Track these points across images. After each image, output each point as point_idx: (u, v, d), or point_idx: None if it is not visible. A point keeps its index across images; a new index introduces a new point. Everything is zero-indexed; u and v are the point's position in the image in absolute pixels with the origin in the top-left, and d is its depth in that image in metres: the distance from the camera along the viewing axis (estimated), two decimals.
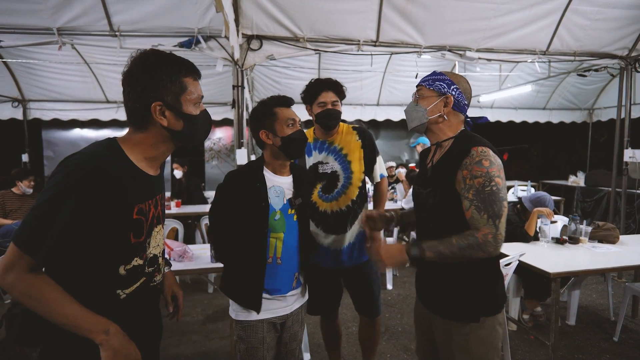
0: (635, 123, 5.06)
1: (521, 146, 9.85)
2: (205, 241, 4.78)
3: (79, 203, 0.96)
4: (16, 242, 0.94)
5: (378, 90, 6.61)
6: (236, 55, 3.44)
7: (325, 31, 3.70)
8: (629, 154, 4.60)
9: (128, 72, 1.08)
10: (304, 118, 5.38)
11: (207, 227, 4.58)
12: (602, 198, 6.70)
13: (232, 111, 3.74)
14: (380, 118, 7.02)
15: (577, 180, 7.49)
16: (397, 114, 7.01)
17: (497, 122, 7.40)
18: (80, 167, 0.98)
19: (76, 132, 7.17)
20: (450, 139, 1.48)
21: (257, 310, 1.64)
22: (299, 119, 1.70)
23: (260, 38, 3.60)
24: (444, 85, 1.46)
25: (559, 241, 3.09)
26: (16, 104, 5.94)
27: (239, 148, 3.70)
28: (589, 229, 3.13)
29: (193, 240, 5.13)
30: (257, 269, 1.63)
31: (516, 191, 5.99)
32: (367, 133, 2.28)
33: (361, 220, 1.82)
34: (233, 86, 3.64)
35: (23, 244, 0.94)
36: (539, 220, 3.16)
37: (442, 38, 3.93)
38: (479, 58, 4.07)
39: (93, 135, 7.16)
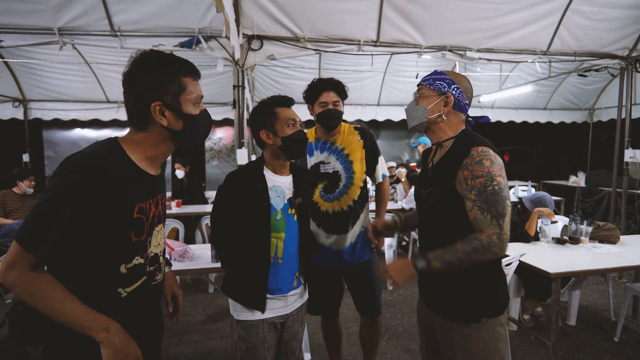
0: (635, 123, 5.06)
1: (523, 148, 9.81)
2: (205, 241, 4.78)
3: (80, 202, 0.97)
4: (18, 240, 0.95)
5: (378, 90, 6.61)
6: (237, 55, 3.44)
7: (325, 31, 3.70)
8: (629, 154, 4.60)
9: (128, 73, 1.09)
10: (304, 118, 5.42)
11: (208, 227, 4.58)
12: (603, 198, 6.69)
13: (233, 111, 3.74)
14: (380, 118, 7.02)
15: (578, 180, 7.49)
16: (398, 114, 7.01)
17: (497, 122, 7.39)
18: (81, 167, 0.99)
19: (77, 132, 7.18)
20: (451, 138, 1.47)
21: (262, 310, 1.64)
22: (299, 119, 1.70)
23: (261, 38, 3.60)
24: (445, 84, 1.45)
25: (559, 241, 3.09)
26: (17, 103, 5.94)
27: (240, 148, 3.70)
28: (590, 229, 3.13)
29: (193, 240, 5.13)
30: (260, 269, 1.63)
31: (517, 191, 5.99)
32: (368, 133, 2.28)
33: (368, 232, 1.85)
34: (234, 86, 3.65)
35: (25, 242, 0.95)
36: (540, 221, 3.16)
37: (443, 38, 3.93)
38: (480, 58, 4.07)
39: (94, 135, 7.17)
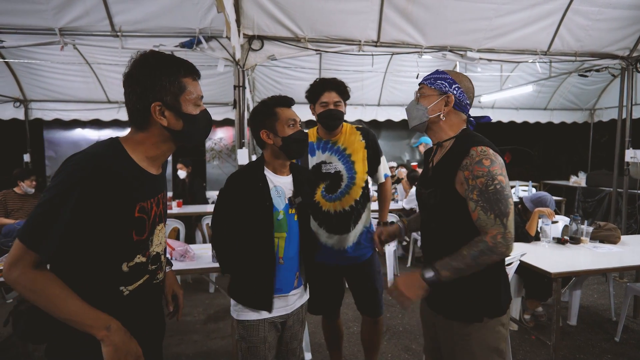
0: (636, 123, 5.06)
1: (525, 149, 9.75)
2: (206, 241, 4.78)
3: (82, 200, 0.98)
4: (21, 238, 0.96)
5: (379, 90, 6.61)
6: (237, 55, 3.44)
7: (326, 31, 3.70)
8: (630, 155, 4.60)
9: (128, 74, 1.10)
10: (304, 118, 5.42)
11: (208, 227, 4.58)
12: (604, 198, 6.69)
13: (233, 111, 3.74)
14: (381, 118, 7.02)
15: (579, 180, 7.48)
16: (398, 114, 7.01)
17: (498, 122, 7.39)
18: (83, 166, 1.01)
19: (77, 132, 7.19)
20: (451, 138, 1.46)
21: (269, 310, 1.64)
22: (299, 119, 1.71)
23: (262, 38, 3.61)
24: (446, 84, 1.45)
25: (560, 241, 3.09)
26: (18, 104, 5.95)
27: (240, 148, 3.71)
28: (590, 229, 3.13)
29: (194, 240, 5.13)
30: (267, 269, 1.63)
31: (517, 191, 5.98)
32: (370, 133, 2.28)
33: (374, 242, 1.86)
34: (234, 86, 3.65)
35: (27, 240, 0.96)
36: (540, 221, 3.16)
37: (443, 38, 3.93)
38: (480, 58, 4.07)
39: (94, 135, 7.19)
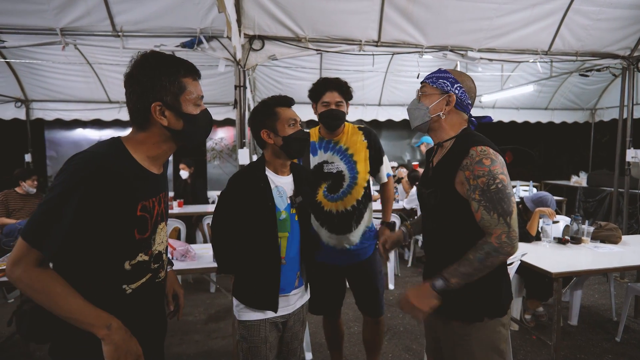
0: (637, 123, 5.05)
1: (527, 150, 9.71)
2: (206, 241, 4.79)
3: (85, 199, 0.99)
4: (24, 236, 0.97)
5: (380, 90, 6.61)
6: (238, 55, 3.45)
7: (327, 31, 3.70)
8: (631, 154, 4.60)
9: (129, 74, 1.11)
10: (305, 118, 5.41)
11: (209, 227, 4.59)
12: (605, 198, 6.68)
13: (234, 111, 3.75)
14: (382, 118, 7.02)
15: (580, 180, 7.48)
16: (399, 114, 7.01)
17: (499, 122, 7.38)
18: (86, 165, 1.01)
19: (79, 132, 7.21)
20: (452, 138, 1.46)
21: (275, 310, 1.65)
22: (299, 119, 1.71)
23: (262, 38, 3.61)
24: (448, 83, 1.44)
25: (561, 241, 3.09)
26: (19, 104, 5.96)
27: (241, 148, 3.71)
28: (591, 229, 3.13)
29: (194, 240, 5.14)
30: (271, 269, 1.63)
31: (518, 191, 5.98)
32: (373, 133, 2.27)
33: (379, 252, 1.86)
34: (235, 86, 3.65)
35: (31, 238, 0.97)
36: (541, 220, 3.15)
37: (444, 38, 3.93)
38: (481, 58, 4.07)
39: (95, 135, 7.20)
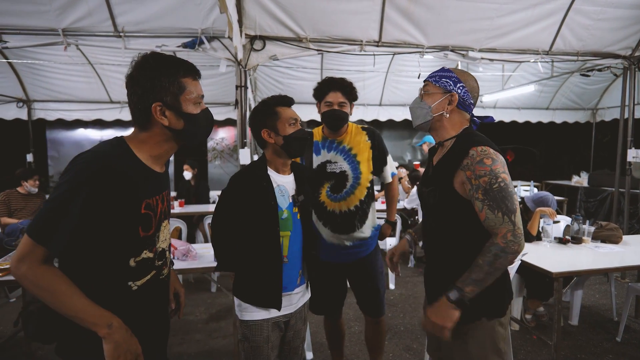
0: (639, 123, 5.03)
1: (525, 147, 9.70)
2: (207, 240, 4.79)
3: (90, 197, 1.01)
4: (30, 233, 0.98)
5: (380, 90, 6.61)
6: (239, 55, 3.45)
7: (327, 31, 3.71)
8: (632, 154, 4.59)
9: (130, 76, 1.13)
10: (306, 117, 5.42)
11: (210, 227, 4.59)
12: (606, 198, 6.67)
13: (235, 111, 3.76)
14: (382, 118, 7.02)
15: (581, 180, 7.46)
16: (400, 114, 7.01)
17: (500, 122, 7.36)
18: (91, 164, 1.04)
19: (80, 132, 7.23)
20: (453, 138, 1.46)
21: (279, 308, 1.65)
22: (300, 118, 1.72)
23: (263, 38, 3.62)
24: (450, 82, 1.44)
25: (561, 241, 3.08)
26: (21, 104, 5.98)
27: (242, 148, 3.72)
28: (592, 229, 3.13)
29: (195, 240, 5.15)
30: (273, 268, 1.64)
31: (519, 191, 5.97)
32: (376, 134, 2.28)
33: (387, 265, 1.84)
34: (236, 86, 3.66)
35: (36, 235, 0.98)
36: (542, 220, 3.15)
37: (445, 38, 3.93)
38: (482, 58, 4.07)
39: (97, 135, 7.22)
